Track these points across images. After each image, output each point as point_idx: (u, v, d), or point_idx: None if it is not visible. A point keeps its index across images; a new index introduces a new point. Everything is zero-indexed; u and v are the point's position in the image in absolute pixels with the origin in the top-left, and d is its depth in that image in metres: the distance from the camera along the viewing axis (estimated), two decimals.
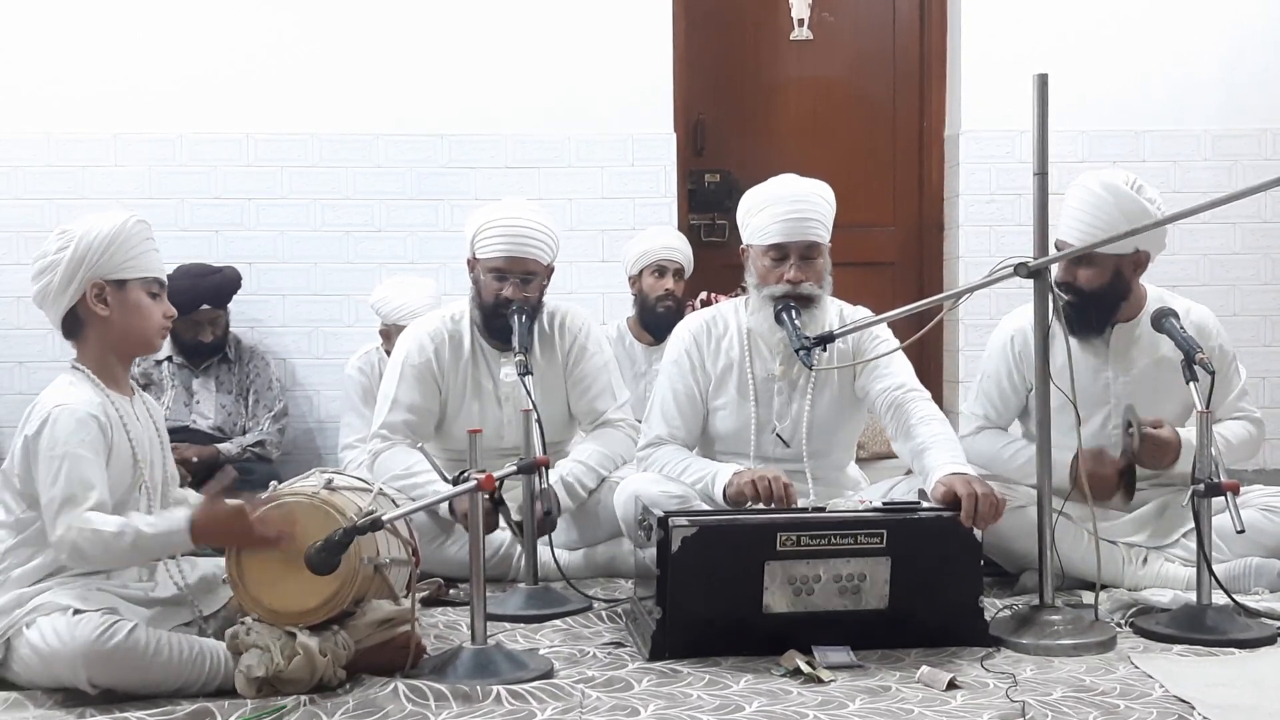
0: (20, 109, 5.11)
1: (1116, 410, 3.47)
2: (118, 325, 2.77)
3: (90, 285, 2.73)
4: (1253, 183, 3.14)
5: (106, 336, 2.77)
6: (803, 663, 2.71)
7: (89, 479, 2.59)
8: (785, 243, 3.38)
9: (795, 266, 3.38)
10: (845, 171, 5.44)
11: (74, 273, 2.73)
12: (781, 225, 3.37)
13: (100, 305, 2.75)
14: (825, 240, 3.43)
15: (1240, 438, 3.52)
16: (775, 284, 3.39)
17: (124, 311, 2.77)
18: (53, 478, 2.59)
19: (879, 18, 5.69)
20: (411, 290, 4.71)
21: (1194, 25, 5.30)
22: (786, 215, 3.37)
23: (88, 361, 2.77)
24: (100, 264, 2.73)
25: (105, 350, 2.78)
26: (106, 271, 2.74)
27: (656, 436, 3.57)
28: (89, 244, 2.72)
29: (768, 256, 3.41)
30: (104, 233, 2.74)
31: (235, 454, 4.72)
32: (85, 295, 2.74)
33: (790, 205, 3.38)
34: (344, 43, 5.19)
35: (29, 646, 2.54)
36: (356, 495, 2.79)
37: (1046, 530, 2.99)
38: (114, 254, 2.74)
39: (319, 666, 2.58)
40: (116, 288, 2.76)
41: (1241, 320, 5.14)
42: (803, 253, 3.39)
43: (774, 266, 3.40)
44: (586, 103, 5.22)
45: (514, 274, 3.69)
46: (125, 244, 2.76)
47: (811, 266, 3.40)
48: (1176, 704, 2.51)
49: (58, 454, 2.60)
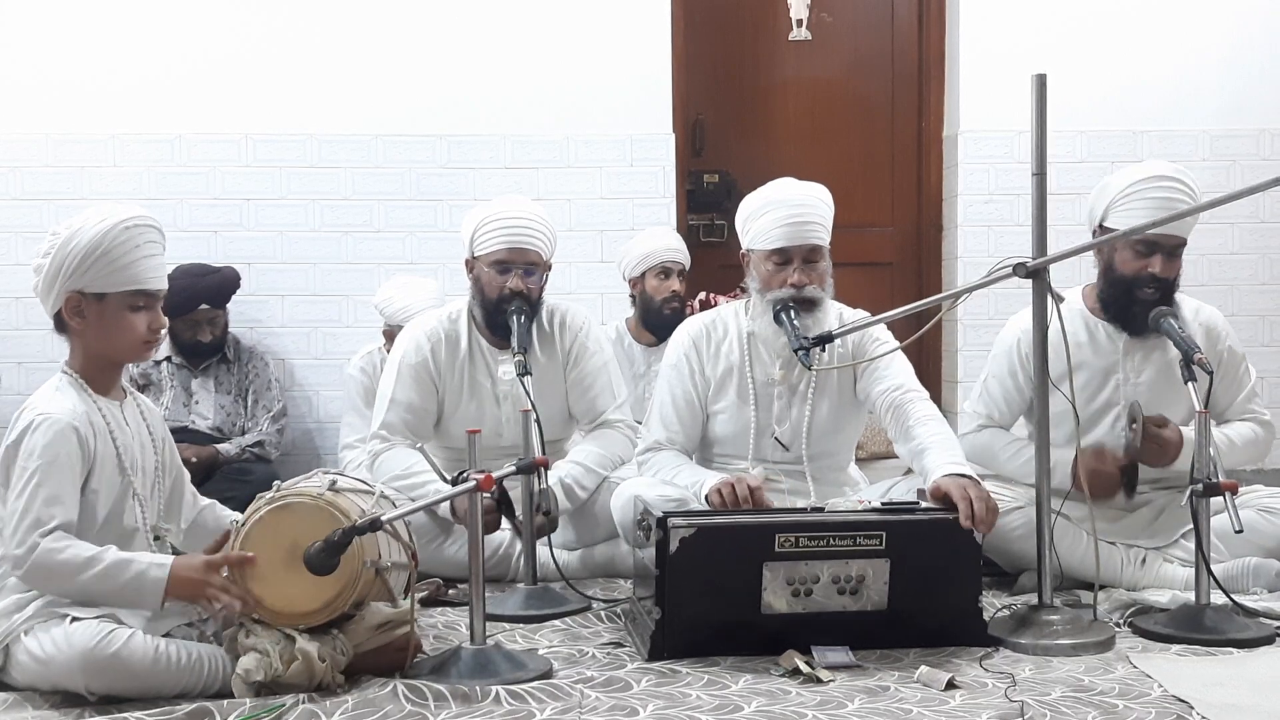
0: (19, 109, 5.10)
1: (1125, 412, 3.47)
2: (95, 338, 2.67)
3: (67, 297, 2.64)
4: (1251, 183, 3.14)
5: (87, 345, 2.69)
6: (802, 663, 2.71)
7: (59, 496, 2.54)
8: (788, 247, 3.38)
9: (799, 270, 3.38)
10: (844, 172, 5.47)
11: (53, 281, 2.63)
12: (784, 230, 3.37)
13: (76, 318, 2.65)
14: (826, 243, 3.43)
15: (1246, 439, 3.52)
16: (779, 288, 3.39)
17: (101, 325, 2.65)
18: (20, 488, 2.54)
19: (877, 18, 5.69)
20: (416, 291, 4.71)
21: (1192, 26, 5.30)
22: (788, 219, 3.37)
23: (75, 365, 2.71)
24: (76, 276, 2.61)
25: (90, 356, 2.70)
26: (83, 284, 2.62)
27: (655, 442, 3.57)
28: (67, 253, 2.60)
29: (770, 261, 3.41)
30: (84, 242, 2.60)
31: (234, 454, 4.71)
32: (63, 306, 2.65)
33: (791, 209, 3.38)
34: (343, 43, 5.18)
35: (27, 654, 2.53)
36: (359, 497, 2.79)
37: (1045, 530, 2.99)
38: (94, 266, 2.61)
39: (317, 672, 2.57)
40: (95, 300, 2.64)
41: (1240, 320, 5.12)
42: (806, 256, 3.39)
43: (777, 271, 3.40)
44: (585, 103, 5.22)
45: (517, 265, 3.68)
46: (108, 255, 2.61)
47: (814, 270, 3.40)
48: (1175, 704, 2.51)
49: (31, 466, 2.54)
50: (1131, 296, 3.42)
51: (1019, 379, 3.57)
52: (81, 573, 2.51)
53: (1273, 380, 5.22)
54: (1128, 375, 3.51)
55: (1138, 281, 3.40)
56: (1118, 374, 3.51)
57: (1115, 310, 3.48)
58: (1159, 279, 3.38)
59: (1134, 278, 3.40)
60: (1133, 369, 3.51)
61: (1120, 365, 3.51)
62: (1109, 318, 3.51)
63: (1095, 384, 3.50)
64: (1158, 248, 3.36)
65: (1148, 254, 3.38)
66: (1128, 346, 3.50)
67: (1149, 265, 3.38)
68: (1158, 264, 3.37)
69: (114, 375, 2.77)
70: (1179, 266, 3.43)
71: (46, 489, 2.54)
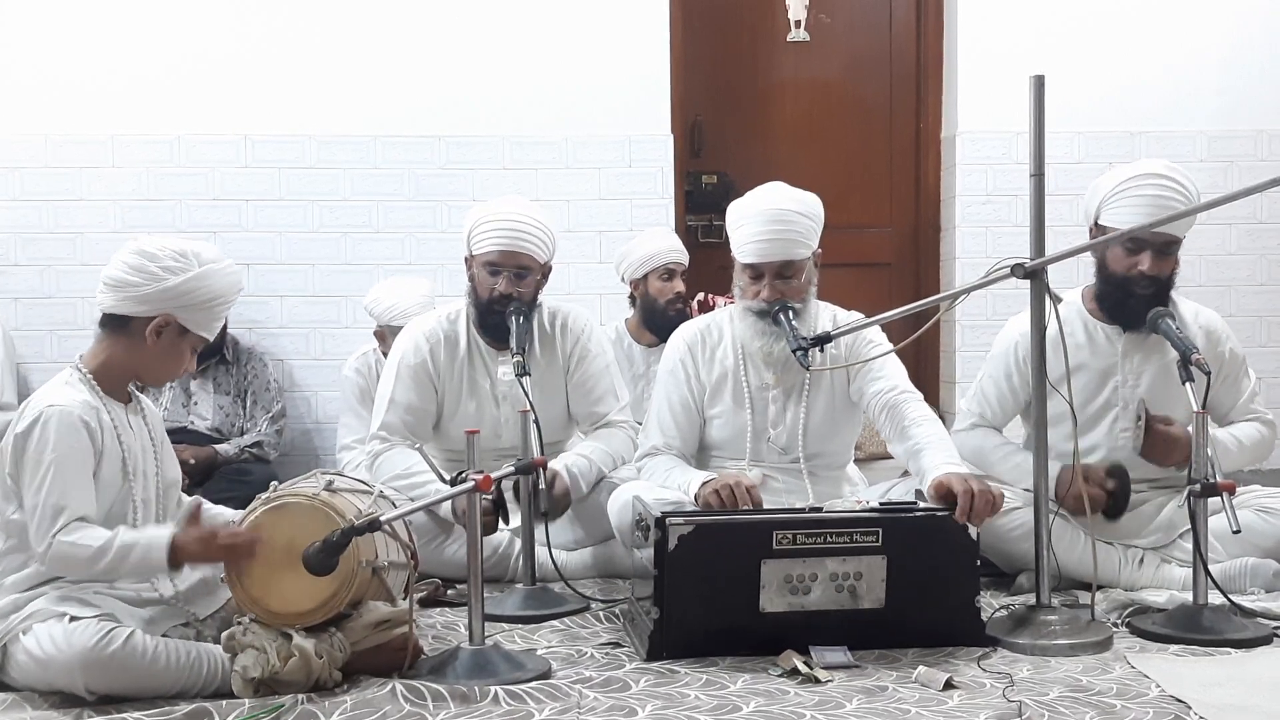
0: (18, 110, 5.10)
1: (1124, 414, 3.47)
2: (152, 358, 2.74)
3: (163, 316, 2.69)
4: (1249, 184, 3.14)
5: (132, 357, 2.73)
6: (800, 663, 2.71)
7: (75, 489, 2.57)
8: (760, 263, 3.38)
9: (770, 286, 3.38)
10: (842, 173, 5.48)
11: (162, 298, 2.68)
12: (756, 246, 3.37)
13: (153, 335, 2.71)
14: (804, 256, 3.41)
15: (1253, 439, 3.52)
16: (753, 299, 3.41)
17: (167, 352, 2.74)
18: (38, 485, 2.56)
19: (875, 19, 5.69)
20: (404, 291, 4.71)
21: (1190, 27, 5.30)
22: (760, 236, 3.36)
23: (93, 363, 2.73)
24: (189, 309, 2.70)
25: (120, 364, 2.74)
26: (185, 316, 2.71)
27: (653, 447, 3.58)
28: (198, 287, 2.70)
29: (745, 274, 3.43)
30: (217, 287, 2.72)
31: (233, 455, 4.72)
32: (152, 319, 2.69)
33: (766, 225, 3.36)
34: (341, 44, 5.18)
35: (26, 653, 2.53)
36: (357, 498, 2.79)
37: (1043, 531, 2.99)
38: (207, 308, 2.73)
39: (315, 668, 2.58)
40: (179, 331, 2.73)
41: (1238, 321, 5.13)
42: (778, 271, 3.38)
43: (751, 283, 3.42)
44: (584, 104, 5.22)
45: (507, 268, 3.67)
46: (221, 305, 2.76)
47: (788, 285, 3.39)
48: (1173, 704, 2.51)
49: (45, 460, 2.57)
50: (1127, 292, 3.42)
51: (1014, 381, 3.57)
52: (96, 562, 2.56)
53: (1272, 380, 5.22)
54: (1126, 377, 3.51)
55: (1131, 278, 3.40)
56: (1116, 375, 3.51)
57: (1112, 307, 3.49)
58: (1148, 276, 3.38)
59: (1126, 275, 3.41)
60: (1131, 370, 3.51)
61: (1119, 367, 3.51)
62: (1107, 316, 3.51)
63: (1094, 385, 3.50)
64: (1147, 245, 3.37)
65: (1136, 251, 3.38)
66: (1126, 348, 3.51)
67: (1138, 263, 3.38)
68: (1146, 261, 3.37)
69: (126, 382, 2.81)
70: (1173, 264, 3.43)
71: (62, 483, 2.57)
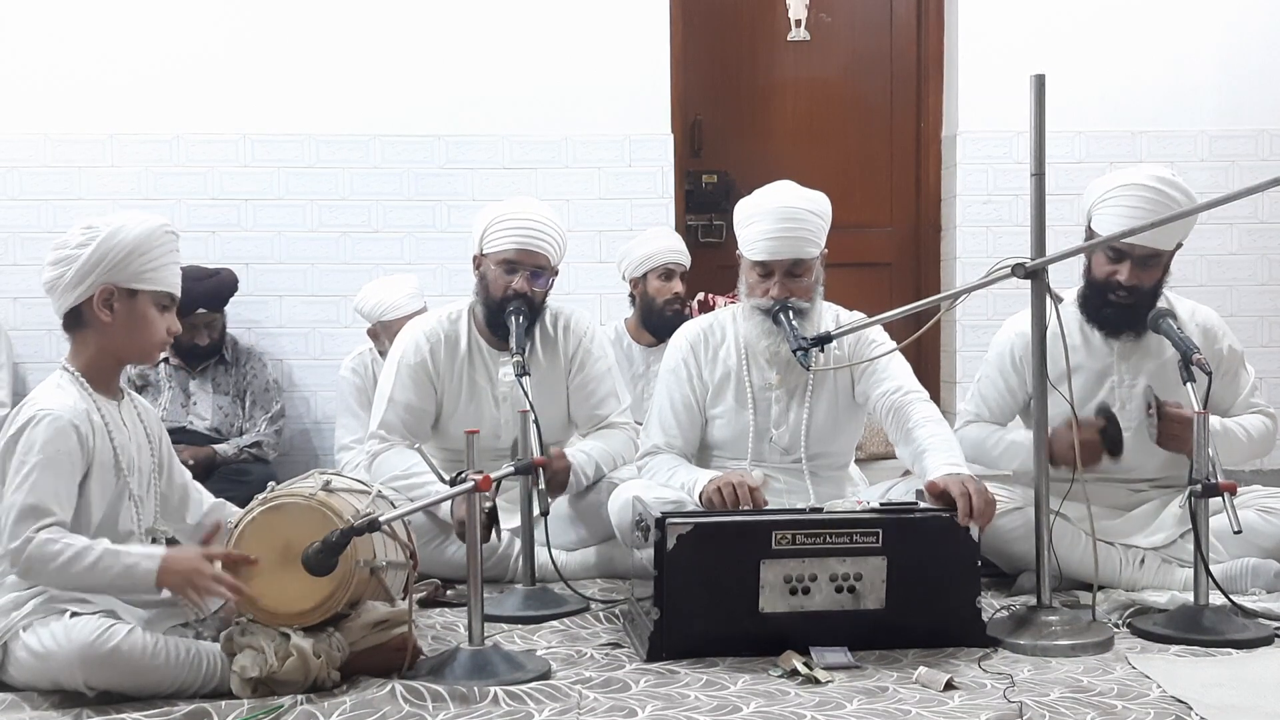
0: (16, 109, 5.10)
1: (1123, 414, 3.46)
2: (119, 333, 2.70)
3: (100, 289, 2.66)
4: (1250, 183, 3.14)
5: (104, 341, 2.71)
6: (800, 663, 2.71)
7: (56, 493, 2.55)
8: (770, 261, 3.38)
9: (779, 284, 3.38)
10: (842, 172, 5.47)
11: (88, 272, 2.65)
12: (766, 244, 3.36)
13: (105, 310, 2.68)
14: (814, 255, 3.41)
15: (1260, 430, 3.53)
16: (761, 297, 3.40)
17: (129, 321, 2.69)
18: (19, 483, 2.54)
19: (876, 19, 5.69)
20: (392, 287, 4.70)
21: (1191, 26, 5.31)
22: (772, 234, 3.36)
23: (78, 362, 2.72)
24: (117, 269, 2.66)
25: (99, 353, 2.72)
26: (121, 278, 2.66)
27: (654, 446, 3.57)
28: (111, 246, 2.65)
29: (754, 271, 3.42)
30: (129, 238, 2.65)
31: (232, 455, 4.72)
32: (93, 297, 2.67)
33: (776, 223, 3.36)
34: (341, 43, 5.18)
35: (26, 650, 2.53)
36: (354, 497, 2.79)
37: (1044, 531, 2.99)
38: (134, 261, 2.66)
39: (313, 668, 2.57)
40: (127, 296, 2.68)
41: (1239, 321, 5.12)
42: (788, 270, 3.38)
43: (760, 281, 3.41)
44: (584, 103, 5.21)
45: (525, 266, 3.67)
46: (149, 253, 2.68)
47: (798, 283, 3.39)
48: (1174, 704, 2.51)
49: (30, 461, 2.55)
50: (1103, 299, 3.43)
51: (1011, 381, 3.58)
52: (73, 566, 2.51)
53: (1273, 380, 5.22)
54: (1122, 378, 3.51)
55: (1108, 285, 3.41)
56: (1112, 376, 3.51)
57: (1090, 311, 3.50)
58: (1125, 286, 3.38)
59: (1104, 282, 3.42)
60: (1127, 371, 3.50)
61: (1114, 368, 3.51)
62: (1087, 320, 3.51)
63: (1090, 386, 3.50)
64: (1127, 256, 3.37)
65: (1118, 260, 3.39)
66: (1122, 350, 3.50)
67: (1117, 272, 3.38)
68: (1124, 271, 3.37)
69: (115, 375, 2.79)
70: (1155, 276, 3.41)
71: (44, 484, 2.54)
